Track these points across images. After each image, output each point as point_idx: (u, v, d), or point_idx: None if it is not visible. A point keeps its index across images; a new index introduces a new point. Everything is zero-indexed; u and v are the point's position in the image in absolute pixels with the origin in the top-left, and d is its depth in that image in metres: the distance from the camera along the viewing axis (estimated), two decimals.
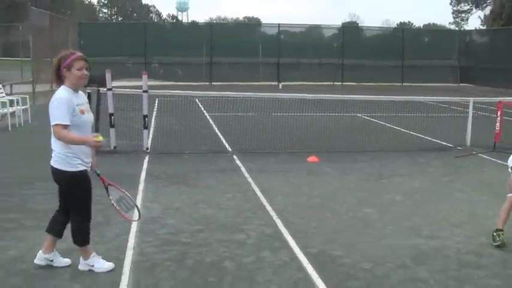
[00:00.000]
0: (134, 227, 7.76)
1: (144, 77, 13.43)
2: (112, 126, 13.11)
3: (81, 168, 5.94)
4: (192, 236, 7.49)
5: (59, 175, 5.94)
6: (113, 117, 13.15)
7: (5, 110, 17.08)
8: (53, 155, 5.93)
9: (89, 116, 6.11)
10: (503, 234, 7.18)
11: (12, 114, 17.39)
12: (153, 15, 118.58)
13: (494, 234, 7.25)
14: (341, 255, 6.85)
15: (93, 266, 6.21)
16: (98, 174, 6.28)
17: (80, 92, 6.14)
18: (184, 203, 9.07)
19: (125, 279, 6.02)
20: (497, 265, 6.67)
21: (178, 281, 6.01)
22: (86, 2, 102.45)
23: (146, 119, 13.29)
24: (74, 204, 6.12)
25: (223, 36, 42.90)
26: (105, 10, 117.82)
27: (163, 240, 7.27)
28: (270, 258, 6.73)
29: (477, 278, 6.27)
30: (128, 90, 14.98)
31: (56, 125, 5.71)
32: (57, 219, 6.33)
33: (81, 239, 6.19)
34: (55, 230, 6.32)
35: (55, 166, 5.92)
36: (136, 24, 53.33)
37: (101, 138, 5.91)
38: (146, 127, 13.33)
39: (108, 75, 13.09)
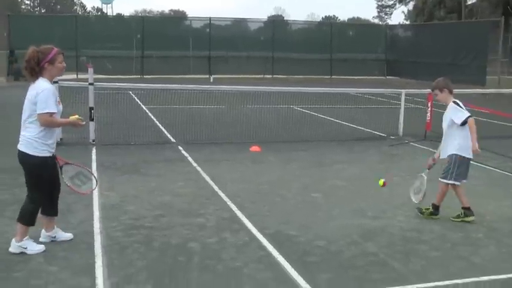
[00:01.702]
0: (97, 213, 8.14)
1: (90, 70, 13.67)
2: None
3: (47, 154, 6.51)
4: (154, 220, 7.92)
5: (25, 158, 6.45)
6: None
7: None
8: (21, 139, 6.46)
9: (61, 107, 6.73)
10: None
11: None
12: (78, 8, 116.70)
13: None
14: (296, 235, 7.42)
15: (26, 248, 6.58)
16: (55, 156, 6.72)
17: None
18: (140, 191, 9.46)
19: (99, 260, 6.41)
20: (436, 240, 7.39)
21: (150, 261, 6.44)
22: None
23: (92, 111, 13.53)
24: (32, 186, 6.60)
25: (153, 29, 42.81)
26: (27, 1, 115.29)
27: (128, 225, 7.68)
28: (231, 239, 7.23)
29: (421, 251, 6.94)
30: (74, 82, 15.19)
31: (46, 113, 6.31)
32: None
33: (27, 218, 6.60)
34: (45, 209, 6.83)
35: (23, 150, 6.44)
36: (66, 17, 52.62)
37: (79, 117, 6.78)
38: (92, 119, 13.56)
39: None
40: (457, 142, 8.02)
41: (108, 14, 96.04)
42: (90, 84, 13.59)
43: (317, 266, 6.40)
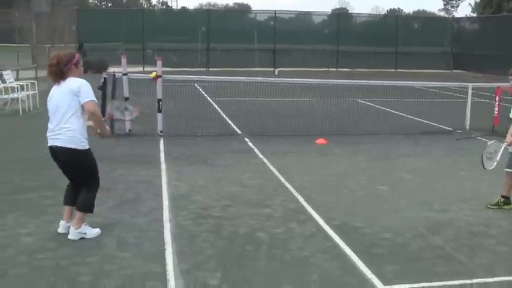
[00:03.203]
0: (166, 202, 8.35)
1: (159, 62, 13.92)
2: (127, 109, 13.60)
3: (87, 146, 6.81)
4: (222, 210, 8.08)
5: (74, 154, 6.70)
6: (127, 100, 13.65)
7: (16, 95, 17.53)
8: (62, 136, 6.68)
9: None
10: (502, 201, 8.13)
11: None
12: (143, 1, 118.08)
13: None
14: (362, 226, 7.47)
15: (85, 233, 6.85)
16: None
17: None
18: (207, 181, 9.64)
19: (169, 247, 6.59)
20: (504, 235, 7.33)
21: (218, 250, 6.59)
22: None
23: (160, 102, 13.79)
24: (87, 177, 6.91)
25: (218, 22, 43.15)
26: None
27: (196, 214, 7.85)
28: (298, 229, 7.33)
29: (488, 246, 6.90)
30: (141, 75, 15.50)
31: (93, 101, 6.70)
32: (71, 192, 7.07)
33: (89, 205, 6.92)
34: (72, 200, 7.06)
35: (69, 146, 6.66)
36: (133, 11, 53.51)
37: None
38: (160, 111, 13.83)
39: (123, 61, 13.61)
40: None
41: (173, 7, 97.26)
42: (159, 76, 13.83)
43: (383, 258, 6.44)
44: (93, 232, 6.90)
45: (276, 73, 38.11)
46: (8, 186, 9.10)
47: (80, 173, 6.88)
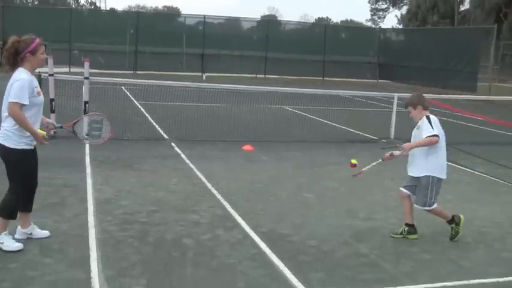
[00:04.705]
0: (91, 207, 8.20)
1: (86, 64, 13.70)
2: (52, 111, 13.30)
3: (26, 147, 6.43)
4: (148, 216, 7.99)
5: (4, 152, 6.40)
6: (53, 102, 13.37)
7: None
8: (0, 132, 6.39)
9: (42, 98, 6.66)
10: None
11: None
12: (71, 1, 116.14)
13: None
14: (289, 234, 7.51)
15: (2, 243, 6.46)
16: (61, 126, 6.91)
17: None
18: (134, 186, 9.53)
19: (93, 254, 6.47)
20: (427, 243, 7.50)
21: (144, 256, 6.50)
22: None
23: (87, 105, 13.56)
24: (12, 178, 6.52)
25: (147, 25, 42.76)
26: None
27: (122, 220, 7.74)
28: (225, 236, 7.31)
29: (411, 254, 7.05)
30: (69, 76, 15.22)
31: (15, 103, 6.19)
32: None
33: (9, 210, 6.52)
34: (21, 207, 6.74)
35: (2, 143, 6.35)
36: (60, 10, 52.55)
37: (46, 136, 6.70)
38: (87, 113, 13.57)
39: (50, 61, 13.31)
40: (431, 162, 7.51)
41: (102, 8, 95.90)
42: (85, 78, 13.62)
43: (309, 265, 6.49)
44: (12, 246, 6.47)
45: (204, 78, 38.04)
46: None
47: (7, 170, 6.49)
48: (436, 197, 7.61)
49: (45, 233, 7.00)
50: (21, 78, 6.26)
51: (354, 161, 8.40)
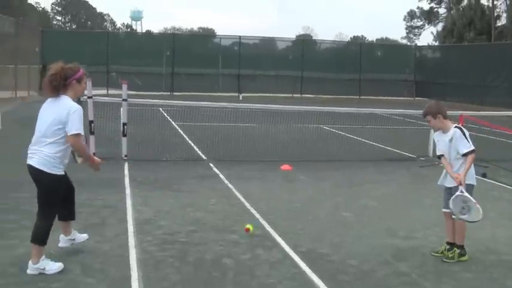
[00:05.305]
0: (131, 227, 8.27)
1: (124, 86, 13.87)
2: (92, 133, 13.47)
3: (62, 173, 6.56)
4: (187, 236, 8.03)
5: (42, 176, 6.42)
6: (92, 124, 13.54)
7: None
8: (37, 156, 6.40)
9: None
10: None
11: None
12: (108, 24, 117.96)
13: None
14: (328, 253, 7.49)
15: (43, 268, 6.46)
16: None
17: None
18: (173, 207, 9.59)
19: (134, 274, 6.51)
20: (469, 262, 7.38)
21: (185, 276, 6.53)
22: (39, 8, 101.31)
23: (125, 126, 13.71)
24: (46, 204, 6.54)
25: (183, 46, 43.20)
26: (59, 17, 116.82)
27: (162, 240, 7.79)
28: (264, 255, 7.31)
29: (452, 272, 6.96)
30: (108, 98, 15.42)
31: (78, 134, 6.33)
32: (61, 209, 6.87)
33: (42, 236, 6.51)
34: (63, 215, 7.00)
35: (40, 168, 6.38)
36: (97, 33, 53.33)
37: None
38: (125, 134, 13.75)
39: (88, 84, 13.50)
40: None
41: (138, 30, 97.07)
42: (123, 100, 13.77)
43: (350, 285, 6.46)
44: (53, 268, 6.49)
45: (240, 98, 38.21)
46: None
47: (39, 195, 6.54)
48: None
49: (85, 236, 7.28)
50: (78, 107, 6.42)
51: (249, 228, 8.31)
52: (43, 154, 6.36)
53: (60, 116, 6.32)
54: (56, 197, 6.55)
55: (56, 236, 7.02)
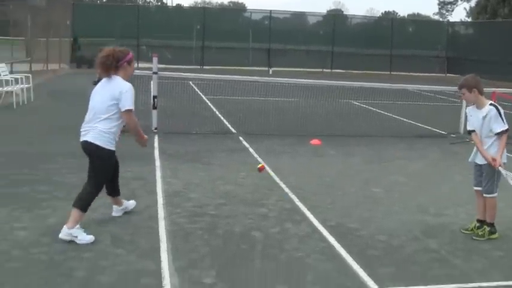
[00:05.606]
0: (161, 199, 8.32)
1: (155, 59, 13.92)
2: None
3: (114, 148, 6.88)
4: (216, 208, 8.06)
5: (97, 151, 6.73)
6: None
7: (10, 88, 17.45)
8: (92, 132, 6.71)
9: None
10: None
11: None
12: None
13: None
14: (358, 228, 7.46)
15: (76, 237, 6.56)
16: None
17: None
18: (202, 179, 9.63)
19: (163, 245, 6.55)
20: (499, 240, 7.31)
21: (213, 248, 6.56)
22: None
23: (155, 99, 13.77)
24: (98, 175, 6.87)
25: (213, 20, 43.14)
26: None
27: (191, 212, 7.83)
28: (293, 229, 7.32)
29: (483, 250, 6.90)
30: (138, 71, 15.43)
31: (130, 110, 6.71)
32: (108, 184, 7.28)
33: (85, 202, 6.73)
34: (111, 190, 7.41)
35: (95, 142, 6.68)
36: (128, 7, 53.36)
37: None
38: (155, 107, 13.80)
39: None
40: (496, 148, 7.30)
41: (168, 4, 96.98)
42: (154, 73, 13.83)
43: (379, 260, 6.43)
44: (85, 238, 6.58)
45: (270, 72, 38.12)
46: (1, 180, 9.04)
47: (91, 165, 6.85)
48: (498, 184, 7.40)
49: (133, 202, 7.81)
50: (130, 86, 6.78)
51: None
52: (98, 130, 6.67)
53: (113, 93, 6.66)
54: (107, 170, 6.94)
55: (93, 213, 7.19)
